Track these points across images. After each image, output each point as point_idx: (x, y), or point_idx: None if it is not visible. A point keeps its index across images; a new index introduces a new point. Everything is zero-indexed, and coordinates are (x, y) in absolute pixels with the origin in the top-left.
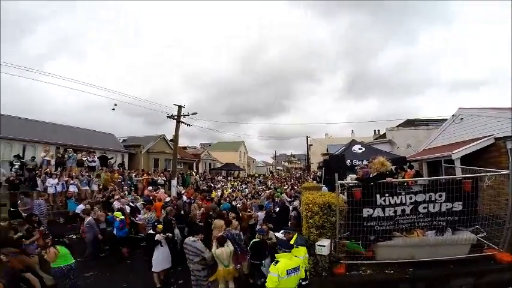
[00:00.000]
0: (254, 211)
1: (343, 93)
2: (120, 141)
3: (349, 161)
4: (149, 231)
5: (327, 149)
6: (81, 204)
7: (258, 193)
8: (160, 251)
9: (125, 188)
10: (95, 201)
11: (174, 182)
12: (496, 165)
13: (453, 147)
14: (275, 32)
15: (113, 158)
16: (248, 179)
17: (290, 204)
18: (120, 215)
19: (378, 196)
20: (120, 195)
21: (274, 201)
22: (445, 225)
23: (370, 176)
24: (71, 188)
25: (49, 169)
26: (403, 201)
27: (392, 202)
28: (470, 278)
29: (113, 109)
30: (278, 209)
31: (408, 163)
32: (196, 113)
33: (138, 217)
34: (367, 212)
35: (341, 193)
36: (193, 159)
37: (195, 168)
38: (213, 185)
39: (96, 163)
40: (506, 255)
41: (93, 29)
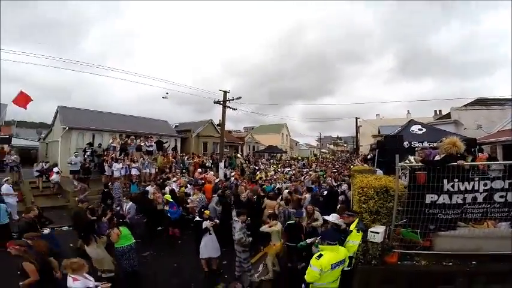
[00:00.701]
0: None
1: (394, 74)
2: (173, 126)
3: (407, 143)
4: (197, 218)
5: (379, 131)
6: (149, 186)
7: (302, 175)
8: (209, 239)
9: (177, 170)
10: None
11: (221, 164)
12: None
13: None
14: (316, 14)
15: (167, 142)
16: (291, 162)
17: (338, 188)
18: (169, 197)
19: (446, 181)
20: (176, 177)
21: (320, 184)
22: None
23: (436, 158)
24: (133, 171)
25: (114, 154)
26: (476, 188)
27: (462, 188)
28: None
29: (165, 97)
30: (326, 192)
31: (478, 146)
32: (240, 97)
33: (190, 198)
34: (430, 198)
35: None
36: (238, 142)
37: (240, 151)
38: (257, 168)
39: (153, 147)
40: None
41: (141, 27)
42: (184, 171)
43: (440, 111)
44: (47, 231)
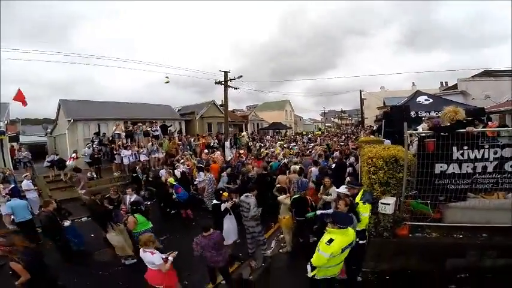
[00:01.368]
0: (308, 167)
1: (400, 46)
2: (176, 110)
3: (414, 113)
4: (213, 202)
5: (384, 102)
6: (162, 169)
7: (308, 150)
8: (229, 221)
9: (186, 152)
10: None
11: (227, 143)
12: None
13: None
14: None
15: (171, 125)
16: (296, 137)
17: (347, 161)
18: (172, 180)
19: (455, 149)
20: (185, 158)
21: (327, 158)
22: None
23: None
24: (142, 157)
25: (121, 142)
26: (486, 156)
27: (472, 157)
28: None
29: (166, 82)
30: (334, 165)
31: (486, 115)
32: (241, 76)
33: (197, 180)
34: (440, 167)
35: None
36: (242, 121)
37: (244, 129)
38: (263, 144)
39: (158, 132)
40: None
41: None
42: (191, 153)
43: (446, 83)
44: (68, 223)
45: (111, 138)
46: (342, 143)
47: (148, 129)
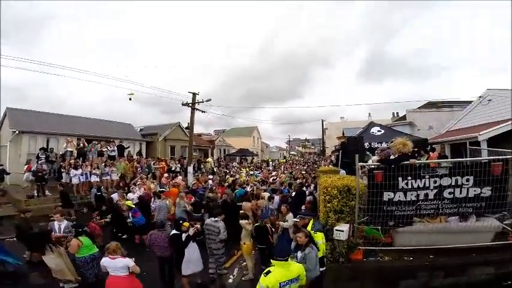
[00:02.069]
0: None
1: (359, 77)
2: (138, 130)
3: (367, 144)
4: (173, 232)
5: (343, 132)
6: (115, 193)
7: (271, 177)
8: (191, 251)
9: (143, 176)
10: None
11: (190, 168)
12: None
13: (479, 128)
14: (288, 20)
15: (129, 147)
16: (262, 165)
17: (307, 189)
18: (130, 203)
19: (400, 179)
20: (142, 182)
21: (290, 186)
22: (471, 211)
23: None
24: (93, 178)
25: (73, 160)
26: (427, 185)
27: (415, 186)
28: (492, 267)
29: (130, 98)
30: (294, 193)
31: (430, 146)
32: (210, 100)
33: (152, 205)
34: (387, 195)
35: (361, 176)
36: (208, 146)
37: (210, 155)
38: (228, 171)
39: (115, 152)
40: None
41: (101, 26)
42: (150, 176)
43: (397, 113)
44: None
45: (59, 155)
46: (304, 172)
47: (104, 149)
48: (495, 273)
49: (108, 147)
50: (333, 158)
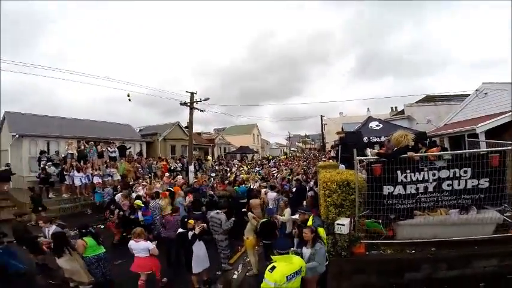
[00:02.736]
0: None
1: (356, 73)
2: (137, 130)
3: (366, 138)
4: (179, 230)
5: (342, 128)
6: (118, 193)
7: (272, 175)
8: (198, 248)
9: (145, 176)
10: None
11: (191, 167)
12: None
13: (477, 121)
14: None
15: (130, 147)
16: (263, 162)
17: (307, 184)
18: (140, 203)
19: (399, 172)
20: (145, 182)
21: (289, 182)
22: (470, 203)
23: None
24: (95, 179)
25: (75, 163)
26: (426, 178)
27: (414, 179)
28: (494, 259)
29: (129, 99)
30: (295, 189)
31: (429, 139)
32: (208, 99)
33: (150, 205)
34: (387, 189)
35: (360, 170)
36: (208, 145)
37: (210, 153)
38: (229, 169)
39: (116, 153)
40: None
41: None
42: (151, 176)
43: (396, 107)
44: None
45: (62, 158)
46: (305, 167)
47: (104, 150)
48: (498, 265)
49: (109, 148)
50: (333, 153)
